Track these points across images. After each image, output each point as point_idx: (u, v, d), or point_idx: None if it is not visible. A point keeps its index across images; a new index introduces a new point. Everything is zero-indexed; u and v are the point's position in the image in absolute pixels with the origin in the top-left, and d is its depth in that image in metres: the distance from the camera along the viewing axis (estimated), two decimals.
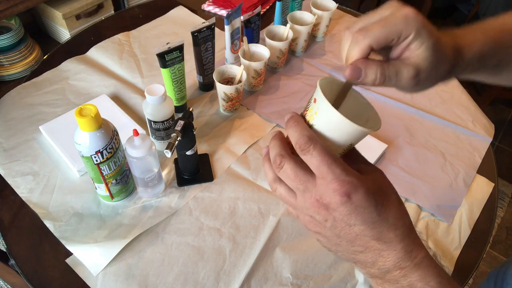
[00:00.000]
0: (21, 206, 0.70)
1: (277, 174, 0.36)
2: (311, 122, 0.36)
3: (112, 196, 0.68)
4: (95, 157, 0.59)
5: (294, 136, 0.34)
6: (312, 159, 0.33)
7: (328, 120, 0.35)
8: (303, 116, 0.37)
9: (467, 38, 0.39)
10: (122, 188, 0.68)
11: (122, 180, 0.67)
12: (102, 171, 0.62)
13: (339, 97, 0.38)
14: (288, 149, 0.36)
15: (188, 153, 0.69)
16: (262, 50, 0.91)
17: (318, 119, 0.36)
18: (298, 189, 0.35)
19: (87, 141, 0.58)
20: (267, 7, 1.20)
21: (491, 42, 0.40)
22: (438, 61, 0.35)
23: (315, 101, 0.36)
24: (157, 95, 0.69)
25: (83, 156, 0.60)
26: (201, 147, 0.81)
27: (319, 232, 0.37)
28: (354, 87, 0.38)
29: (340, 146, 0.36)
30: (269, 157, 0.37)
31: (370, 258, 0.35)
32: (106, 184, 0.65)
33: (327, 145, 0.35)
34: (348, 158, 0.38)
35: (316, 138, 0.34)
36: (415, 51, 0.35)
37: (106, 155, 0.60)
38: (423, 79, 0.36)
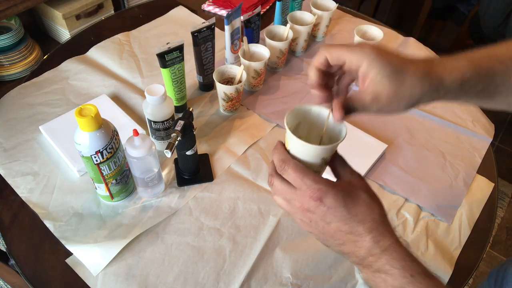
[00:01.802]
0: (21, 206, 0.70)
1: (272, 191, 0.46)
2: (288, 148, 0.45)
3: (112, 196, 0.68)
4: (95, 157, 0.59)
5: (274, 160, 0.44)
6: (289, 176, 0.42)
7: (295, 146, 0.44)
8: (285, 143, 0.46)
9: (449, 65, 0.42)
10: (122, 188, 0.68)
11: (122, 180, 0.67)
12: (102, 171, 0.62)
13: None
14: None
15: (188, 153, 0.69)
16: (262, 50, 0.91)
17: (290, 145, 0.45)
18: (287, 199, 0.44)
19: (87, 141, 0.58)
20: (267, 7, 1.20)
21: (476, 69, 0.42)
22: (398, 87, 0.39)
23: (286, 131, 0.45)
24: (157, 95, 0.69)
25: (83, 156, 0.60)
26: (201, 147, 0.81)
27: (310, 231, 0.45)
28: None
29: (314, 163, 0.45)
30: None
31: (349, 249, 0.42)
32: (106, 184, 0.65)
33: (303, 163, 0.43)
34: (336, 168, 0.47)
35: (289, 159, 0.43)
36: (372, 80, 0.40)
37: (106, 155, 0.60)
38: (385, 103, 0.40)
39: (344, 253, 0.42)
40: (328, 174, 0.49)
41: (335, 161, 0.47)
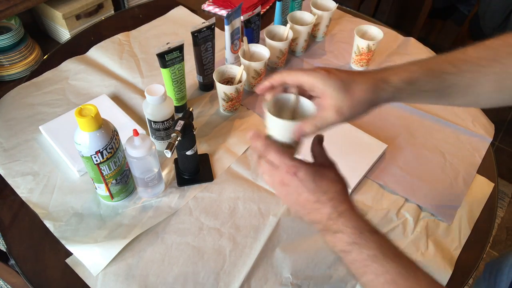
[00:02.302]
0: (21, 206, 0.70)
1: (260, 170, 0.52)
2: (267, 133, 0.51)
3: (112, 196, 0.68)
4: (95, 157, 0.59)
5: (256, 147, 0.50)
6: (271, 157, 0.49)
7: (270, 124, 0.50)
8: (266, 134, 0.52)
9: (397, 69, 0.49)
10: (122, 188, 0.68)
11: (122, 180, 0.67)
12: (102, 171, 0.62)
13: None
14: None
15: (188, 153, 0.69)
16: (262, 50, 0.91)
17: (268, 127, 0.50)
18: (271, 175, 0.50)
19: (87, 141, 0.58)
20: (267, 7, 1.20)
21: (424, 70, 0.49)
22: (352, 97, 0.47)
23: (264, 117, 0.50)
24: (157, 95, 0.69)
25: (83, 156, 0.60)
26: (201, 147, 0.81)
27: (287, 203, 0.51)
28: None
29: (289, 142, 0.51)
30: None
31: (315, 217, 0.48)
32: (106, 184, 0.65)
33: (279, 144, 0.50)
34: (314, 152, 0.54)
35: (269, 143, 0.49)
36: (330, 96, 0.47)
37: (106, 155, 0.60)
38: (348, 113, 0.48)
39: (312, 221, 0.49)
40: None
41: (315, 147, 0.54)
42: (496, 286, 0.72)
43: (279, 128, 0.50)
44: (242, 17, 0.91)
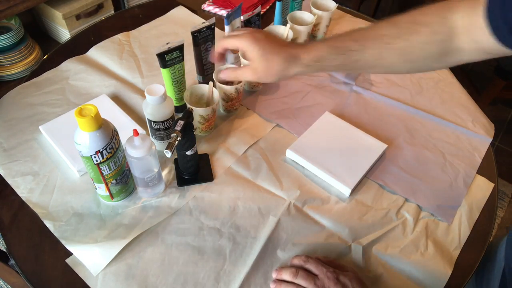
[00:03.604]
0: (21, 206, 0.70)
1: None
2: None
3: (112, 196, 0.68)
4: (95, 157, 0.59)
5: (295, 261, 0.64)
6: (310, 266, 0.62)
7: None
8: None
9: (309, 48, 0.59)
10: (122, 188, 0.68)
11: (122, 180, 0.67)
12: (102, 171, 0.62)
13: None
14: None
15: (188, 153, 0.69)
16: None
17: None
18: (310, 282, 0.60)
19: (87, 141, 0.58)
20: (267, 7, 1.20)
21: (332, 48, 0.58)
22: (268, 64, 0.60)
23: None
24: (157, 95, 0.69)
25: (83, 156, 0.60)
26: (201, 147, 0.81)
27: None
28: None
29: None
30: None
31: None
32: (106, 184, 0.65)
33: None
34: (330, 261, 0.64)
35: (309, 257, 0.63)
36: (251, 58, 0.61)
37: (106, 155, 0.60)
38: (261, 74, 0.61)
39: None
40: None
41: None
42: (484, 285, 0.73)
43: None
44: (242, 17, 0.91)
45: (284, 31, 0.96)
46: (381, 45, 0.56)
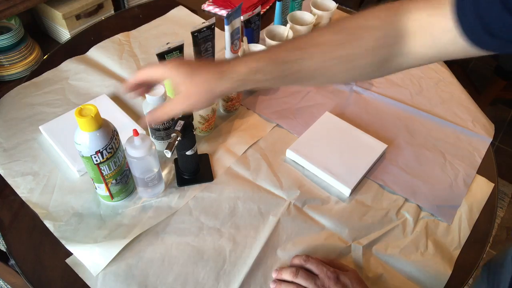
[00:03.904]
0: (21, 206, 0.70)
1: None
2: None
3: (112, 196, 0.68)
4: (95, 157, 0.59)
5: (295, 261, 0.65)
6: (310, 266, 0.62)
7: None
8: None
9: (242, 61, 0.52)
10: (122, 188, 0.68)
11: (122, 180, 0.67)
12: (102, 171, 0.62)
13: None
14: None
15: (188, 153, 0.69)
16: None
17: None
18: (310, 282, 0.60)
19: (87, 141, 0.58)
20: (267, 7, 1.20)
21: (268, 59, 0.51)
22: (194, 85, 0.52)
23: None
24: (157, 95, 0.69)
25: (83, 156, 0.60)
26: (201, 147, 0.81)
27: None
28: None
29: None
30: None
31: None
32: (106, 184, 0.65)
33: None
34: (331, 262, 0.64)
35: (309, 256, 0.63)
36: (177, 84, 0.53)
37: (106, 155, 0.60)
38: (195, 97, 0.53)
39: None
40: None
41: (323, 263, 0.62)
42: (496, 285, 0.72)
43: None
44: (242, 17, 0.91)
45: (284, 31, 0.96)
46: (322, 54, 0.51)
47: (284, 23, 1.05)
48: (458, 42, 0.43)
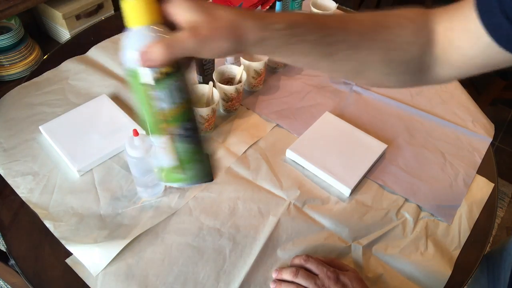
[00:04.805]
0: (21, 206, 0.70)
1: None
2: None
3: (182, 167, 0.43)
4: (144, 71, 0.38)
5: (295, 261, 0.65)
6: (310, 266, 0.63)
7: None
8: None
9: (276, 13, 0.42)
10: (195, 153, 0.43)
11: (192, 136, 0.42)
12: (155, 101, 0.40)
13: None
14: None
15: None
16: None
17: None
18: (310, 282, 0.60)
19: (134, 39, 0.38)
20: (267, 7, 1.20)
21: (310, 19, 0.42)
22: (209, 15, 0.37)
23: None
24: None
25: (128, 71, 0.39)
26: None
27: None
28: None
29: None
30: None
31: None
32: (162, 134, 0.41)
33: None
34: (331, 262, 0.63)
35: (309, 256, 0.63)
36: (185, 18, 0.37)
37: (159, 71, 0.38)
38: (208, 32, 0.37)
39: None
40: None
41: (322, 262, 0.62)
42: (496, 277, 0.72)
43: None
44: None
45: None
46: (366, 30, 0.45)
47: None
48: (484, 43, 0.41)
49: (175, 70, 0.39)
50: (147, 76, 0.38)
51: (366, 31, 0.45)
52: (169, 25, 0.38)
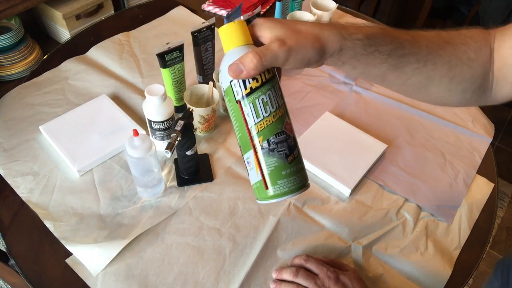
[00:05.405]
0: (21, 206, 0.70)
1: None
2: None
3: (266, 184, 0.40)
4: (234, 86, 0.40)
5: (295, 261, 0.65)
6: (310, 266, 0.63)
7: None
8: None
9: (352, 25, 0.44)
10: (282, 165, 0.41)
11: (281, 146, 0.40)
12: (246, 117, 0.41)
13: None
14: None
15: (188, 153, 0.69)
16: None
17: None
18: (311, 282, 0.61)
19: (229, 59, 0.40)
20: (267, 7, 1.20)
21: (383, 31, 0.45)
22: (297, 31, 0.41)
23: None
24: (157, 95, 0.69)
25: (224, 91, 0.43)
26: (201, 147, 0.81)
27: None
28: None
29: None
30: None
31: None
32: (255, 149, 0.41)
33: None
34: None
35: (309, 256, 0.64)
36: (268, 34, 0.41)
37: (249, 84, 0.40)
38: (294, 40, 0.40)
39: None
40: None
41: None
42: (510, 282, 0.72)
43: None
44: (242, 17, 0.91)
45: None
46: (432, 45, 0.47)
47: None
48: None
49: (266, 81, 0.41)
50: (240, 91, 0.41)
51: (433, 46, 0.47)
52: (257, 46, 0.42)
